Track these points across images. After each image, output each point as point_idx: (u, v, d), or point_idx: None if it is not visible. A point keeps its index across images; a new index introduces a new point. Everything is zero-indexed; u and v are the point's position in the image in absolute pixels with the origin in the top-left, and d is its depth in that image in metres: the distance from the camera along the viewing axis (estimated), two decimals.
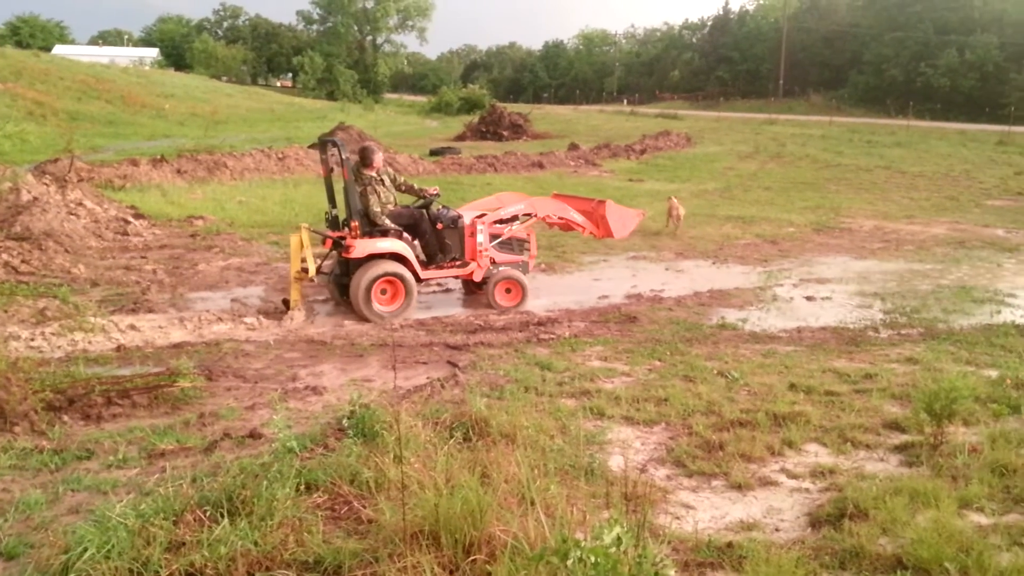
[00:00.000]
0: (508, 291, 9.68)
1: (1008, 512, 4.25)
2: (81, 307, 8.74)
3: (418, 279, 9.25)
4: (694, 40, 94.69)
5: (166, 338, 7.98)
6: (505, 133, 38.67)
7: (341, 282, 9.34)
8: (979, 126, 43.67)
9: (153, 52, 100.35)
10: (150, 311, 8.95)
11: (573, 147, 30.78)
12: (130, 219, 14.33)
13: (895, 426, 5.61)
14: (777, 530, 4.14)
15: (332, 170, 9.25)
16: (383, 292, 8.94)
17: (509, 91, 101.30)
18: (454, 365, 7.16)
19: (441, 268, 9.54)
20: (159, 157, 21.60)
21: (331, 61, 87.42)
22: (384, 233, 9.03)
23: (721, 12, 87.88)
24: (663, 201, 16.00)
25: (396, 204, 9.45)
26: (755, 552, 3.66)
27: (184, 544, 3.51)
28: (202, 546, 3.44)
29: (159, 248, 12.80)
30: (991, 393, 6.09)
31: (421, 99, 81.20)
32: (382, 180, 9.25)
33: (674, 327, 8.70)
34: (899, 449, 5.21)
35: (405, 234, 9.25)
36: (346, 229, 9.02)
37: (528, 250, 10.22)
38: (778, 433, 5.43)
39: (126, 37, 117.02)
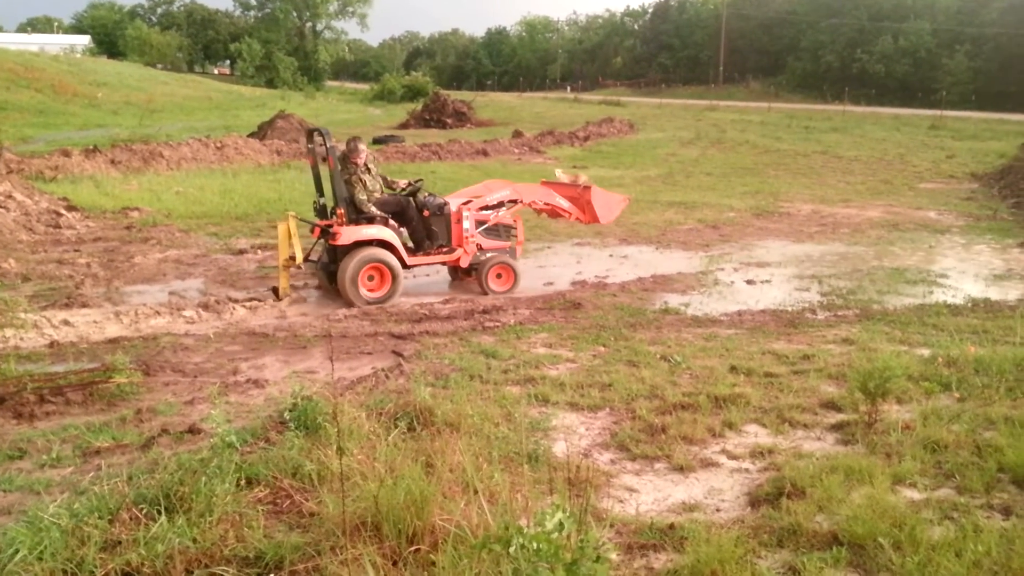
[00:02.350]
0: (499, 276, 9.88)
1: (939, 487, 4.38)
2: (11, 303, 8.47)
3: (405, 265, 9.39)
4: (635, 27, 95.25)
5: (101, 333, 7.78)
6: (449, 121, 38.49)
7: (329, 269, 9.40)
8: (912, 111, 44.80)
9: (84, 39, 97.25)
10: (84, 306, 8.72)
11: (517, 134, 30.78)
12: (62, 211, 13.92)
13: (832, 405, 5.74)
14: (718, 510, 4.21)
15: (324, 159, 9.26)
16: (370, 278, 9.10)
17: (452, 78, 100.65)
18: (399, 355, 7.12)
19: (428, 255, 9.69)
20: (92, 147, 21.00)
21: (270, 48, 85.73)
22: (370, 220, 9.19)
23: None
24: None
25: (382, 192, 9.58)
26: (696, 533, 3.72)
27: (120, 543, 3.43)
28: (138, 544, 3.37)
29: (93, 241, 12.47)
30: (923, 371, 6.25)
31: (363, 87, 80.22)
32: (368, 169, 9.42)
33: (618, 313, 8.77)
34: (835, 428, 5.34)
35: (392, 221, 9.39)
36: (333, 217, 9.12)
37: (515, 236, 10.34)
38: (719, 415, 5.51)
39: (56, 24, 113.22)
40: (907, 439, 4.92)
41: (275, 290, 9.17)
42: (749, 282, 10.51)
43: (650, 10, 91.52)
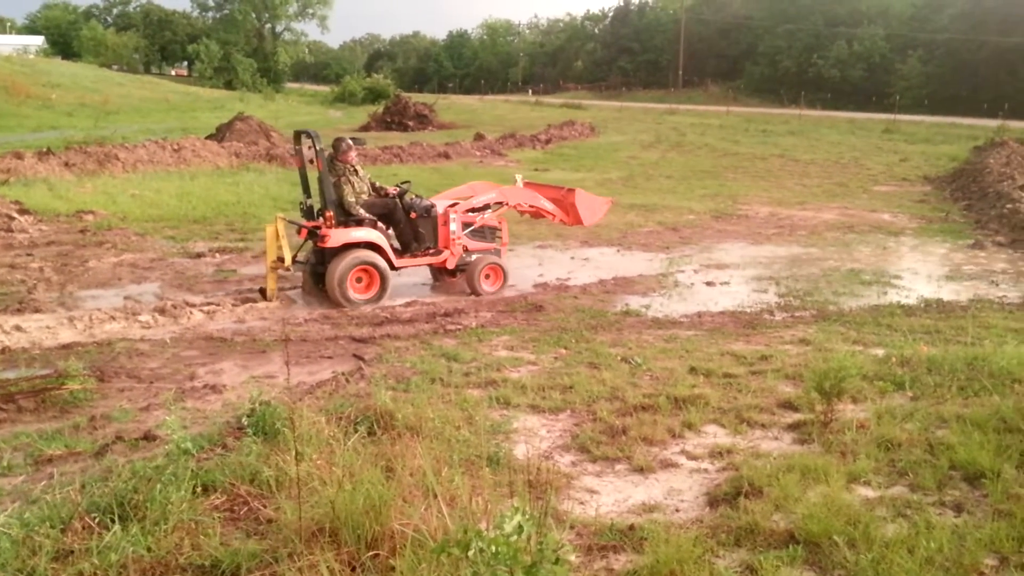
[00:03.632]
0: (488, 276, 9.99)
1: (893, 485, 4.45)
2: None
3: (393, 267, 9.44)
4: (596, 31, 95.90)
5: (54, 339, 7.63)
6: (411, 123, 38.38)
7: (316, 271, 9.39)
8: (867, 115, 45.64)
9: (38, 40, 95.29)
10: (37, 311, 8.53)
11: (479, 137, 30.78)
12: (14, 215, 13.61)
13: (789, 405, 5.81)
14: (677, 511, 4.24)
15: (311, 161, 9.26)
16: (358, 280, 9.15)
17: (414, 81, 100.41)
18: (360, 358, 7.07)
19: (415, 256, 9.77)
20: (45, 149, 20.56)
21: (228, 49, 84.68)
22: (359, 222, 9.24)
23: (622, 3, 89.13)
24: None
25: (369, 194, 9.61)
26: (655, 533, 3.74)
27: (72, 553, 3.36)
28: (91, 554, 3.30)
29: (46, 245, 12.21)
30: (878, 371, 6.36)
31: (324, 89, 79.70)
32: (355, 170, 9.47)
33: (579, 315, 8.80)
34: (792, 427, 5.40)
35: (380, 223, 9.43)
36: (321, 219, 9.15)
37: (500, 238, 10.48)
38: (679, 416, 5.55)
39: (8, 24, 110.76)
40: (862, 438, 4.99)
41: (263, 291, 9.18)
42: (709, 284, 10.61)
43: (610, 14, 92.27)
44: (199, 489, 3.91)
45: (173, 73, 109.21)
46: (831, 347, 7.38)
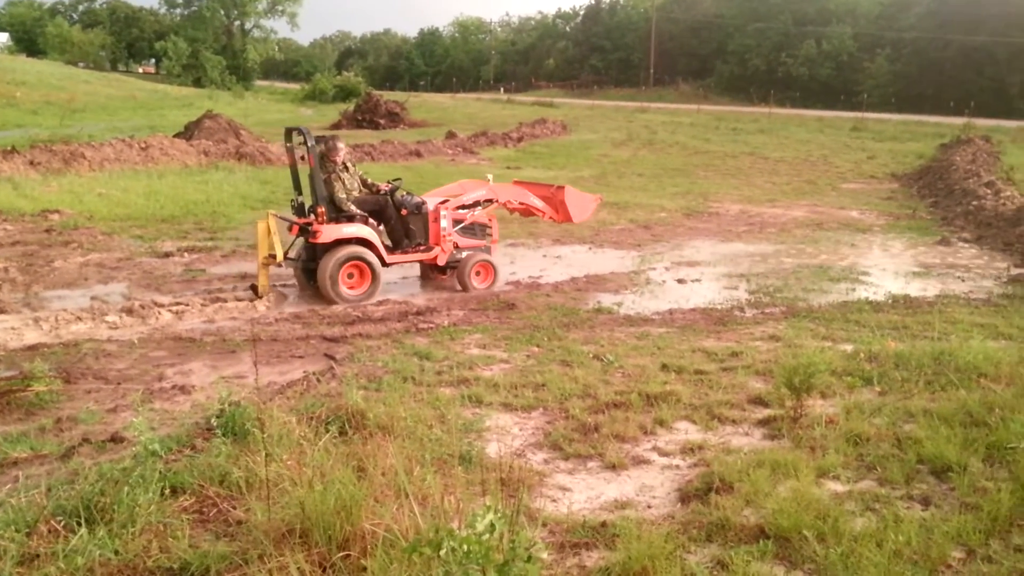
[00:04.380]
0: (479, 273, 10.09)
1: (862, 479, 4.51)
2: None
3: (384, 263, 9.50)
4: (567, 29, 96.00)
5: (19, 340, 7.49)
6: (382, 121, 38.15)
7: (308, 267, 9.46)
8: (835, 113, 46.12)
9: (2, 37, 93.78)
10: (2, 312, 8.37)
11: (451, 135, 30.68)
12: None
13: (759, 401, 5.86)
14: (649, 507, 4.26)
15: (302, 158, 9.31)
16: (350, 276, 9.22)
17: (385, 79, 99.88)
18: (331, 358, 7.03)
19: (406, 253, 9.85)
20: (10, 148, 20.16)
21: (197, 46, 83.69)
22: (350, 219, 9.30)
23: (593, 2, 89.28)
24: None
25: (360, 191, 9.68)
26: (627, 530, 3.75)
27: (38, 557, 3.31)
28: (57, 558, 3.25)
29: (11, 245, 11.99)
30: (846, 366, 6.44)
31: (294, 86, 79.02)
32: (346, 167, 9.57)
33: (552, 313, 8.81)
34: (762, 423, 5.45)
35: (371, 220, 9.49)
36: (312, 215, 9.19)
37: (490, 235, 10.52)
38: (650, 413, 5.58)
39: None
40: (831, 433, 5.05)
41: (254, 288, 9.19)
42: (680, 281, 10.67)
43: (582, 12, 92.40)
44: (167, 491, 3.86)
45: (140, 71, 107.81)
46: (800, 343, 7.45)
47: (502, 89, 79.24)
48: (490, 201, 10.59)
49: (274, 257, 9.07)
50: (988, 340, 7.31)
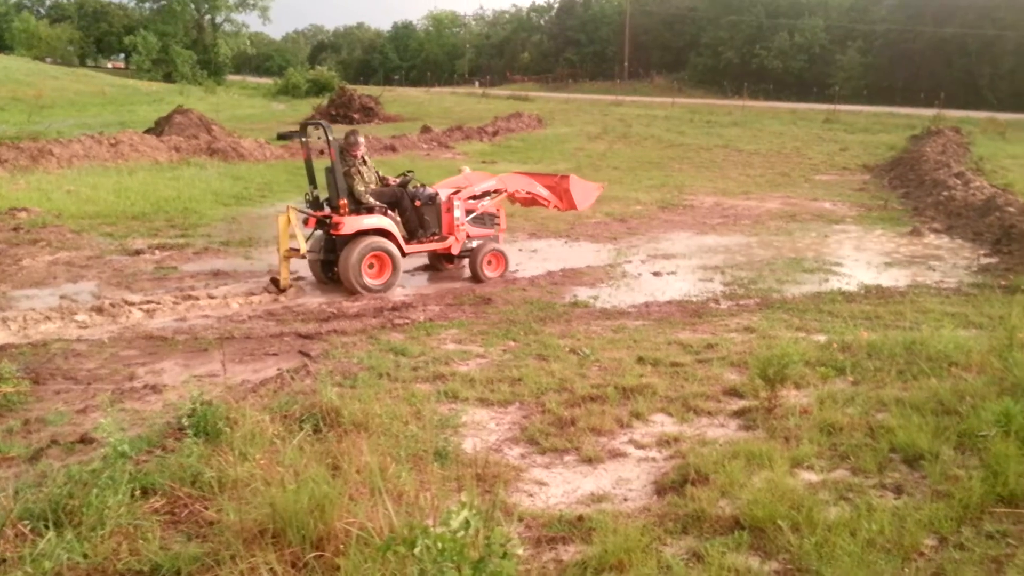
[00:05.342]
0: (491, 262, 10.37)
1: (835, 468, 4.53)
2: None
3: (403, 253, 9.75)
4: (542, 22, 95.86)
5: None
6: (356, 116, 37.93)
7: (328, 260, 9.72)
8: (808, 105, 46.44)
9: None
10: None
11: (426, 130, 30.56)
12: None
13: (734, 392, 5.89)
14: (626, 500, 4.26)
15: (321, 152, 9.49)
16: (370, 267, 9.44)
17: (359, 73, 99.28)
18: (306, 355, 6.97)
19: (422, 243, 10.09)
20: None
21: (167, 41, 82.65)
22: (369, 210, 9.52)
23: None
24: None
25: (377, 184, 9.90)
26: (603, 523, 3.75)
27: (4, 561, 3.24)
28: (24, 562, 3.19)
29: None
30: (820, 357, 6.48)
31: (267, 81, 78.25)
32: (364, 161, 9.86)
33: (528, 307, 8.80)
34: (738, 414, 5.47)
35: (389, 211, 9.69)
36: (327, 208, 9.51)
37: (498, 224, 10.85)
38: (627, 406, 5.58)
39: None
40: (804, 423, 5.08)
41: (275, 281, 9.35)
42: (656, 274, 10.70)
43: (556, 5, 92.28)
44: (138, 492, 3.80)
45: (110, 66, 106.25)
46: (775, 334, 7.49)
47: (477, 83, 79.05)
48: (499, 191, 10.88)
49: (297, 250, 9.27)
50: (959, 329, 7.39)
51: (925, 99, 45.31)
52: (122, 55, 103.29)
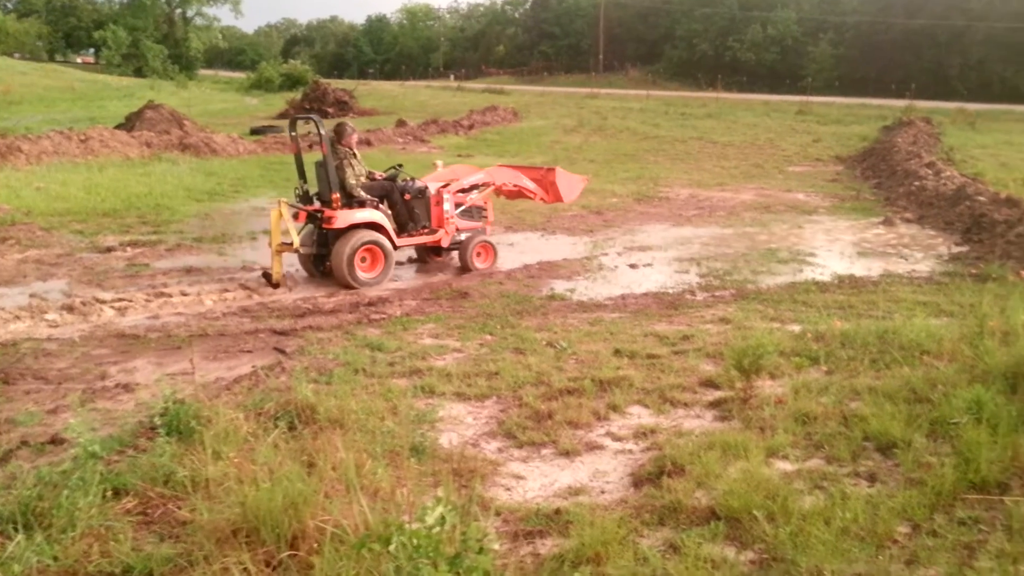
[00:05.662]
0: (480, 254, 10.47)
1: (810, 458, 4.57)
2: None
3: (395, 246, 9.77)
4: (517, 15, 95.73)
5: None
6: (330, 110, 37.63)
7: (319, 253, 9.72)
8: (781, 97, 46.78)
9: None
10: None
11: (401, 123, 30.39)
12: None
13: (710, 383, 5.91)
14: (603, 492, 4.27)
15: (311, 146, 9.33)
16: (363, 260, 9.44)
17: (333, 67, 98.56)
18: (280, 351, 6.92)
19: (412, 236, 10.13)
20: None
21: (137, 35, 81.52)
22: (361, 204, 9.56)
23: None
24: None
25: (367, 178, 10.04)
26: (580, 516, 3.75)
27: None
28: None
29: None
30: (794, 347, 6.52)
31: (239, 75, 77.57)
32: (355, 154, 9.91)
33: (505, 300, 8.79)
34: (713, 405, 5.50)
35: (380, 205, 9.80)
36: (317, 202, 9.57)
37: (486, 217, 10.92)
38: (604, 398, 5.59)
39: None
40: (779, 413, 5.11)
41: (267, 276, 9.32)
42: (632, 266, 10.72)
43: None
44: (109, 493, 3.76)
45: (79, 61, 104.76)
46: (750, 325, 7.53)
47: (452, 76, 78.76)
48: (487, 184, 10.95)
49: (290, 244, 9.26)
50: (930, 318, 7.47)
51: (896, 90, 45.75)
52: (92, 50, 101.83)
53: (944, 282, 9.52)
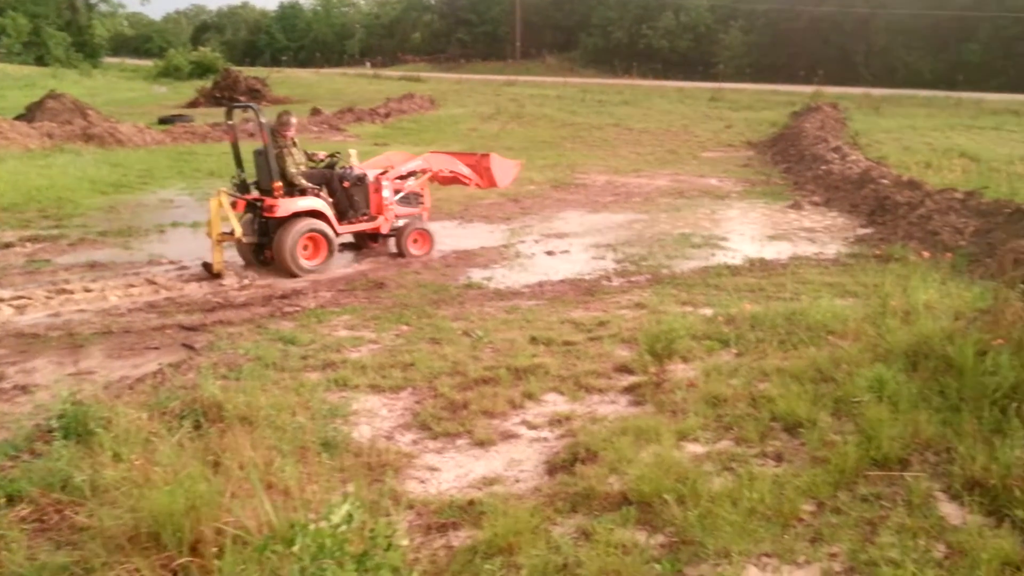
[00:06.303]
0: (416, 241, 10.50)
1: (720, 439, 4.66)
2: None
3: (336, 234, 9.78)
4: (432, 2, 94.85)
5: None
6: (242, 99, 36.63)
7: (259, 243, 9.65)
8: (694, 84, 47.58)
9: None
10: None
11: (316, 112, 29.82)
12: None
13: (625, 369, 5.98)
14: (518, 481, 4.27)
15: (251, 134, 9.07)
16: (304, 248, 9.45)
17: (245, 54, 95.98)
18: (189, 347, 6.72)
19: (352, 223, 10.13)
20: None
21: (38, 23, 77.91)
22: (303, 192, 9.55)
23: None
24: None
25: (307, 166, 10.02)
26: (494, 507, 3.74)
27: None
28: None
29: None
30: (706, 330, 6.65)
31: (147, 63, 74.95)
32: (295, 143, 9.82)
33: (421, 290, 8.73)
34: (628, 390, 5.56)
35: (321, 192, 9.76)
36: (255, 191, 9.54)
37: (423, 203, 10.97)
38: (519, 387, 5.60)
39: None
40: (691, 396, 5.20)
41: (207, 266, 9.25)
42: (549, 253, 10.76)
43: None
44: (2, 500, 3.59)
45: None
46: (664, 310, 7.64)
47: (368, 64, 77.63)
48: (423, 171, 10.97)
49: (231, 234, 9.17)
50: (836, 298, 7.70)
51: (804, 76, 47.01)
52: None
53: (850, 264, 9.84)
